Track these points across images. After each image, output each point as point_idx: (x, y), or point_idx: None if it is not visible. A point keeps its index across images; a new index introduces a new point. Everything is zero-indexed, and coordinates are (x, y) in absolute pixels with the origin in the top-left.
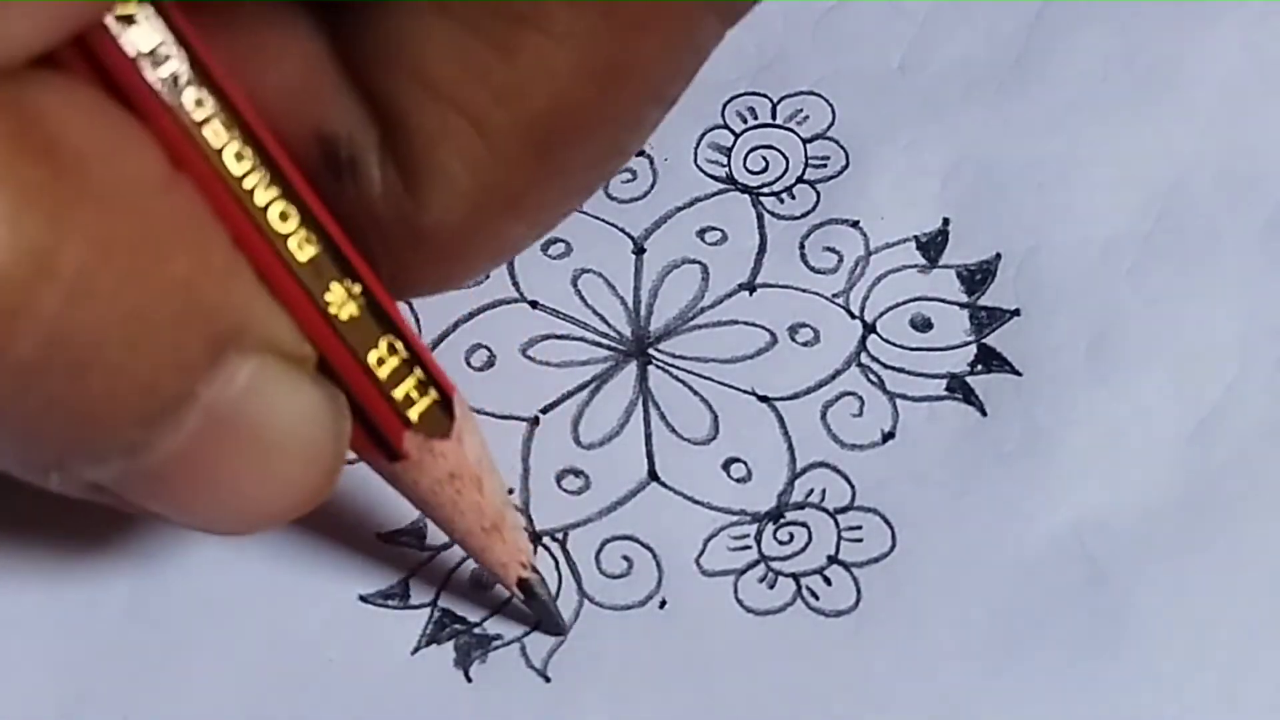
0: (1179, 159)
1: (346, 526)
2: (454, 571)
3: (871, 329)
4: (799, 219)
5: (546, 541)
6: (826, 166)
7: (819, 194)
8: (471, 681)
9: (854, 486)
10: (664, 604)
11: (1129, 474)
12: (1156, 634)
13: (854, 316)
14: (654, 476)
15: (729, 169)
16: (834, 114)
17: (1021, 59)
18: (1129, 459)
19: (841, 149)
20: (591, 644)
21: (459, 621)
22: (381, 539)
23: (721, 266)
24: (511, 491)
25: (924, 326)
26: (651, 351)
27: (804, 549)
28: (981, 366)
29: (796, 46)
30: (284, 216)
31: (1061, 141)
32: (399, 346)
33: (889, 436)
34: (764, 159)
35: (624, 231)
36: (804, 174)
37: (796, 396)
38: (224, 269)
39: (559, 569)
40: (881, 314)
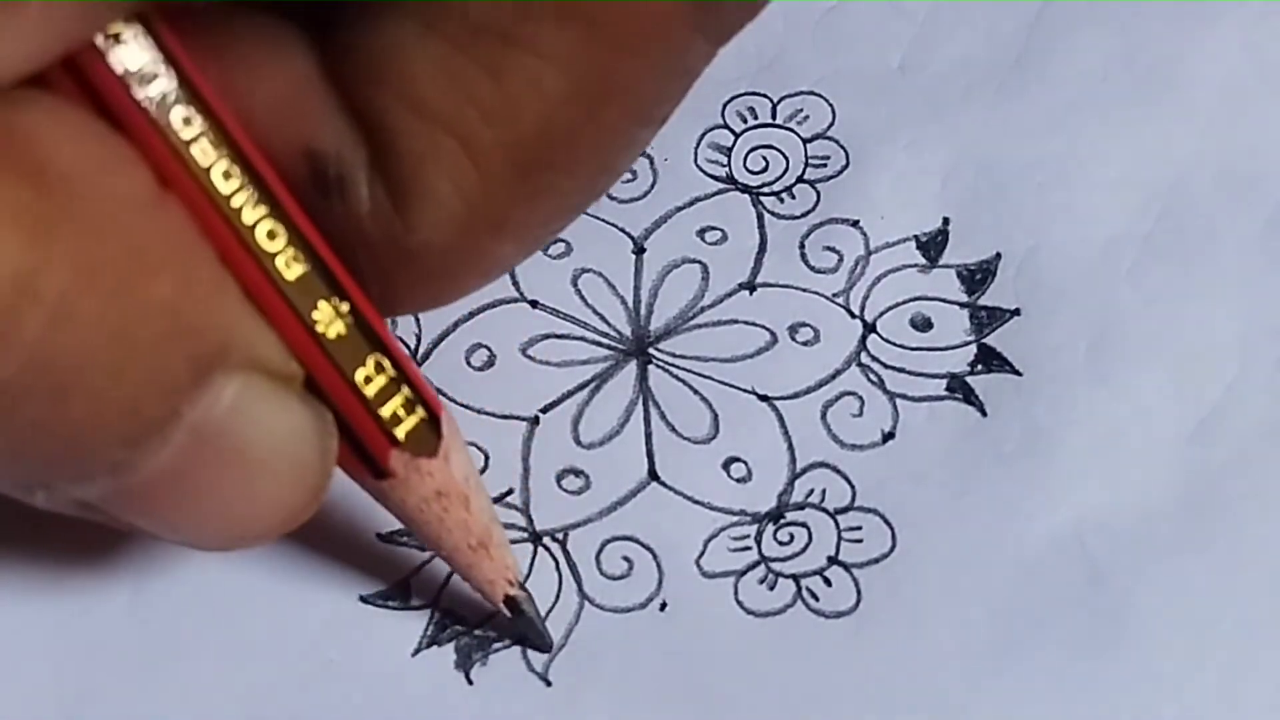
0: (1179, 159)
1: (346, 526)
2: (454, 573)
3: (871, 328)
4: (799, 218)
5: (547, 542)
6: (826, 166)
7: (819, 193)
8: (472, 684)
9: (854, 487)
10: (664, 606)
11: (1129, 474)
12: (1156, 634)
13: (854, 316)
14: (654, 476)
15: (729, 169)
16: (834, 114)
17: (1021, 59)
18: (1129, 459)
19: (841, 149)
20: (592, 647)
21: (460, 623)
22: (382, 539)
23: (722, 266)
24: (511, 491)
25: (924, 326)
26: (651, 351)
27: (804, 550)
28: (981, 366)
29: (796, 46)
30: (272, 235)
31: (1061, 141)
32: (386, 365)
33: (889, 436)
34: (764, 159)
35: (624, 231)
36: (804, 174)
37: (796, 396)
38: (211, 288)
39: (559, 570)
40: (882, 313)
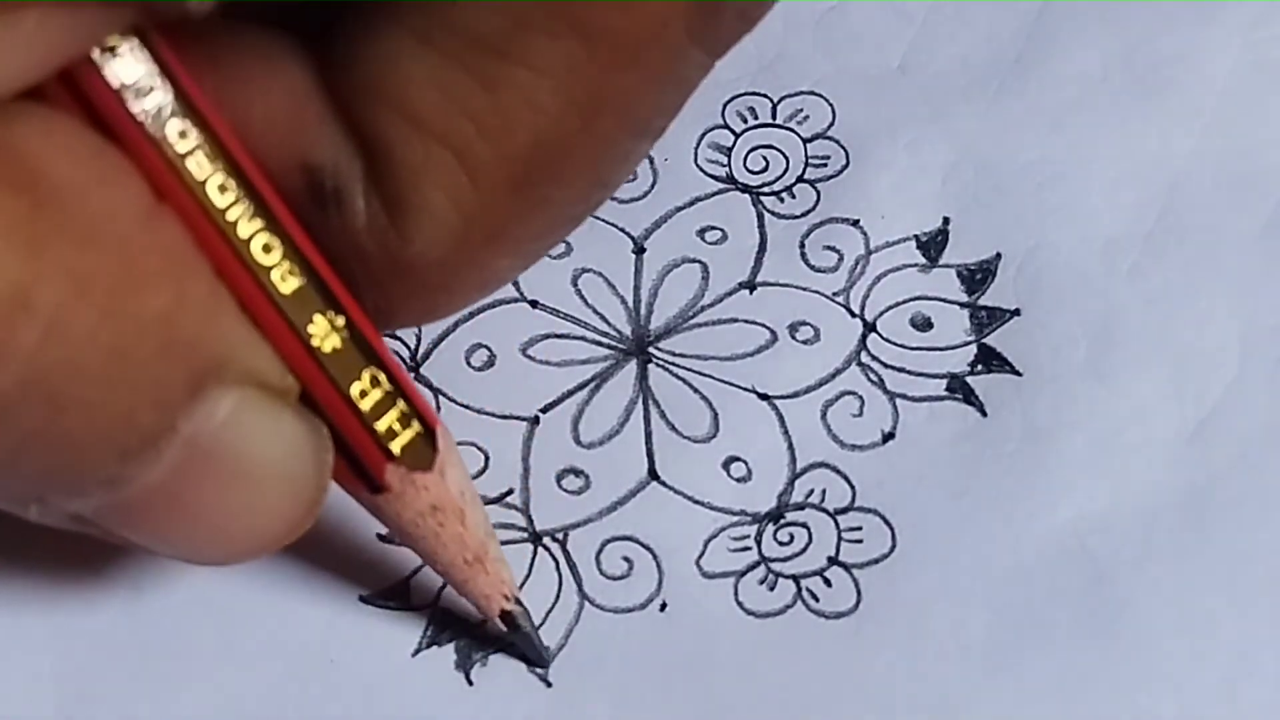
0: (1179, 159)
1: (346, 527)
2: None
3: (872, 328)
4: (799, 218)
5: (547, 542)
6: (827, 166)
7: (819, 193)
8: (472, 684)
9: (854, 487)
10: (664, 607)
11: (1129, 474)
12: (1156, 634)
13: (854, 315)
14: (654, 476)
15: (729, 168)
16: (834, 114)
17: (1021, 59)
18: (1129, 459)
19: (841, 148)
20: (592, 647)
21: (460, 623)
22: (382, 539)
23: (722, 265)
24: (511, 491)
25: (924, 326)
26: (651, 350)
27: (804, 550)
28: (981, 366)
29: (796, 46)
30: (267, 249)
31: (1061, 141)
32: (382, 379)
33: (889, 436)
34: (764, 158)
35: (624, 231)
36: (804, 173)
37: (796, 395)
38: (206, 301)
39: (559, 570)
40: (882, 313)
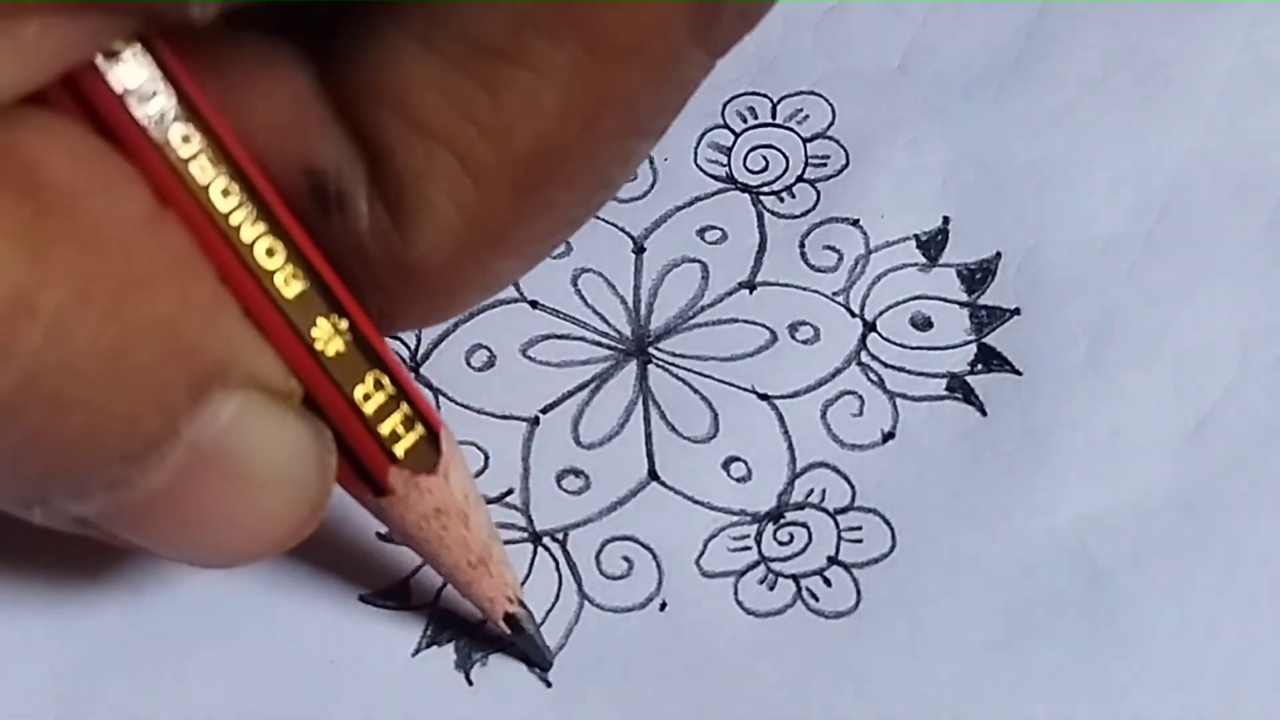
0: (1179, 159)
1: (346, 526)
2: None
3: (872, 327)
4: (799, 217)
5: (547, 542)
6: (826, 165)
7: (819, 193)
8: (472, 684)
9: (854, 486)
10: (664, 606)
11: (1129, 474)
12: (1156, 634)
13: (854, 315)
14: (654, 476)
15: (729, 168)
16: (834, 113)
17: (1021, 59)
18: (1129, 459)
19: (841, 148)
20: (592, 647)
21: (460, 623)
22: (382, 539)
23: (721, 265)
24: (511, 491)
25: (924, 325)
26: (651, 350)
27: (804, 550)
28: (981, 366)
29: (796, 46)
30: (270, 252)
31: (1061, 141)
32: (385, 382)
33: (889, 436)
34: (764, 158)
35: (624, 231)
36: (804, 173)
37: (796, 395)
38: (209, 305)
39: (559, 570)
40: (881, 312)
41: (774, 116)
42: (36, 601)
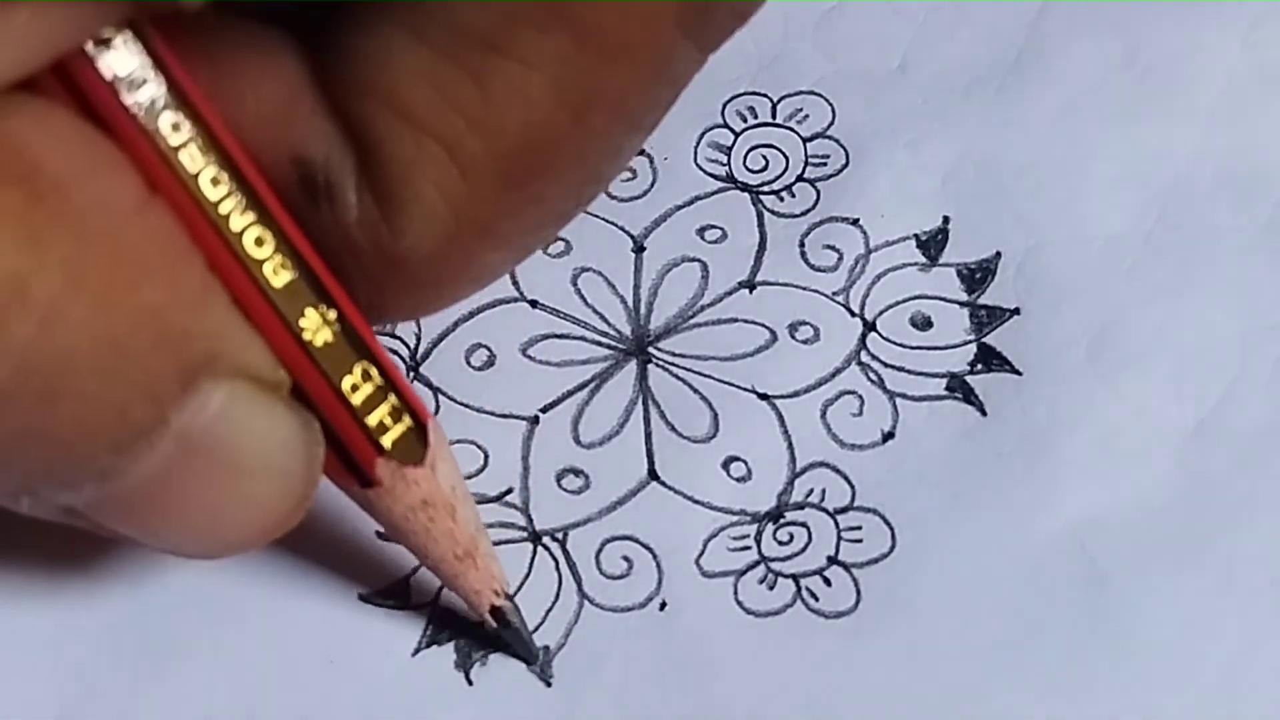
0: (1179, 159)
1: (346, 526)
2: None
3: (871, 327)
4: (799, 217)
5: (546, 541)
6: (826, 165)
7: (819, 192)
8: (472, 684)
9: (854, 486)
10: (664, 606)
11: (1129, 474)
12: (1156, 634)
13: (854, 314)
14: (654, 476)
15: (729, 168)
16: (834, 113)
17: (1021, 59)
18: (1129, 459)
19: (841, 148)
20: (592, 646)
21: (460, 623)
22: (381, 538)
23: (721, 264)
24: (511, 491)
25: (924, 325)
26: (651, 350)
27: (804, 549)
28: (981, 366)
29: (796, 46)
30: (259, 241)
31: (1061, 141)
32: (373, 373)
33: (889, 436)
34: (764, 158)
35: (624, 230)
36: (804, 172)
37: (796, 395)
38: (198, 294)
39: (559, 569)
40: (881, 312)
41: (774, 116)
42: (36, 601)
